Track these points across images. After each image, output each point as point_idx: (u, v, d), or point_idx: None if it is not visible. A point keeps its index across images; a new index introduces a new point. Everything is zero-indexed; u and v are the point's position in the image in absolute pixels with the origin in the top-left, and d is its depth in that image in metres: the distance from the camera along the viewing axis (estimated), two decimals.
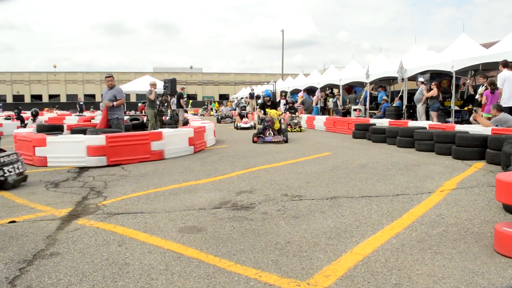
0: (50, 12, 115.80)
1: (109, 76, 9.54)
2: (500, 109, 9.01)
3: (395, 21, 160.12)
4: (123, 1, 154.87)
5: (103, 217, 4.38)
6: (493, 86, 10.39)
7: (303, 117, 19.07)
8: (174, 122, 14.62)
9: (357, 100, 19.18)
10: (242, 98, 36.94)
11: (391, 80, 17.73)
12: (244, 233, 3.81)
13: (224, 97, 53.29)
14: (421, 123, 11.60)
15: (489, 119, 9.28)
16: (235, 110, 28.45)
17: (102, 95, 9.70)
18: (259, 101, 19.78)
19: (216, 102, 40.86)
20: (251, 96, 28.32)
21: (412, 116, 14.58)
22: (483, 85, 11.12)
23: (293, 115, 16.57)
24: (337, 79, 19.72)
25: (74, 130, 11.13)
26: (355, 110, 18.33)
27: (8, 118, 21.01)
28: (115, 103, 9.20)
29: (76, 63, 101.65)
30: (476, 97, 11.08)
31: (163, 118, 14.59)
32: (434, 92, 12.74)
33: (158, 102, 13.77)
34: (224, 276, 2.87)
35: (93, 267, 3.07)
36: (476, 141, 8.07)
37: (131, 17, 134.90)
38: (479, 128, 9.11)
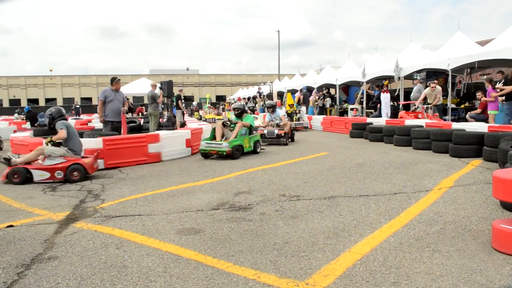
0: (44, 16, 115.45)
1: (118, 79, 9.48)
2: None
3: (391, 21, 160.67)
4: (117, 5, 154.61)
5: (101, 220, 4.37)
6: (493, 83, 10.94)
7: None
8: (171, 124, 14.61)
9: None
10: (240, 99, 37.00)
11: (388, 79, 17.77)
12: (242, 234, 3.81)
13: (221, 99, 53.22)
14: (418, 121, 11.63)
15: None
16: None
17: (104, 97, 9.37)
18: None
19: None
20: (260, 95, 28.53)
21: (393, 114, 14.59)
22: (500, 81, 11.15)
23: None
24: (333, 79, 19.75)
25: None
26: (352, 109, 18.36)
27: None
28: (126, 108, 9.23)
29: (72, 66, 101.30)
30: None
31: (160, 120, 14.58)
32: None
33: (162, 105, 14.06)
34: (223, 277, 2.87)
35: (92, 270, 3.06)
36: (472, 139, 8.10)
37: (126, 20, 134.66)
38: (475, 125, 9.14)
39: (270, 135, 11.49)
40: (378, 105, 16.31)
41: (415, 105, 13.29)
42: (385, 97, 15.28)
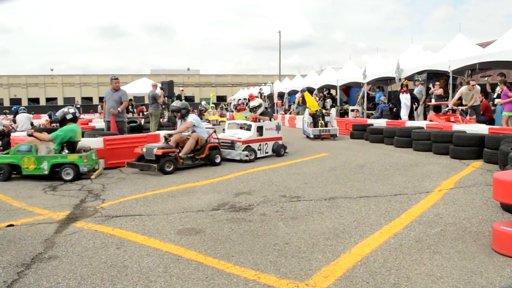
0: (44, 16, 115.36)
1: (115, 78, 9.49)
2: None
3: (391, 21, 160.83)
4: (117, 4, 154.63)
5: (101, 220, 4.37)
6: (509, 84, 10.46)
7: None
8: (171, 124, 14.63)
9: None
10: (240, 99, 36.95)
11: (388, 80, 17.77)
12: (242, 234, 3.81)
13: (221, 99, 53.30)
14: (419, 123, 11.62)
15: None
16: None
17: (104, 97, 9.49)
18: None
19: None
20: (261, 95, 28.58)
21: (410, 116, 14.61)
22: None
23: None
24: (334, 80, 19.75)
25: None
26: (352, 110, 18.35)
27: None
28: (119, 108, 9.18)
29: (72, 66, 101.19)
30: (495, 96, 11.16)
31: (161, 120, 14.60)
32: (441, 91, 12.77)
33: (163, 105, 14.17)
34: (223, 278, 2.87)
35: (92, 270, 3.06)
36: (473, 141, 8.10)
37: (126, 19, 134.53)
38: (476, 127, 9.13)
39: (148, 155, 7.49)
40: (387, 105, 15.30)
41: (447, 106, 11.76)
42: (405, 98, 14.10)
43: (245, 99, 32.50)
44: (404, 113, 14.04)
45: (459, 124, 10.03)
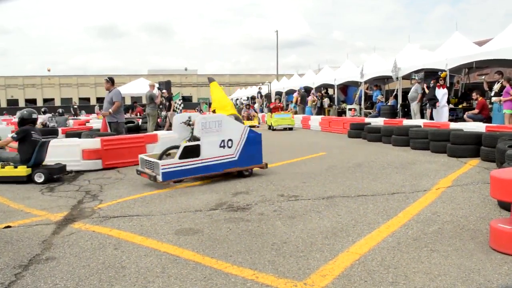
0: (44, 16, 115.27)
1: (105, 79, 9.46)
2: None
3: (391, 21, 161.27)
4: (117, 4, 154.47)
5: (98, 221, 4.36)
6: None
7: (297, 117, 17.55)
8: (169, 124, 14.63)
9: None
10: (238, 99, 36.94)
11: (386, 79, 17.80)
12: (240, 234, 3.80)
13: None
14: (416, 121, 11.64)
15: None
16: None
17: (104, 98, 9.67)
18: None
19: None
20: (260, 95, 28.56)
21: (407, 114, 14.65)
22: (498, 82, 11.05)
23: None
24: (331, 79, 19.76)
25: (69, 134, 11.09)
26: (350, 109, 18.38)
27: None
28: (110, 110, 9.13)
29: (71, 66, 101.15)
30: (492, 94, 11.14)
31: (158, 120, 14.60)
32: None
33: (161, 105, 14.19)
34: (221, 278, 2.87)
35: (89, 271, 3.05)
36: (470, 139, 8.12)
37: (125, 20, 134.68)
38: (473, 125, 9.16)
39: None
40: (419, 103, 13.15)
41: None
42: (442, 94, 12.02)
43: (279, 94, 27.17)
44: (442, 111, 12.06)
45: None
